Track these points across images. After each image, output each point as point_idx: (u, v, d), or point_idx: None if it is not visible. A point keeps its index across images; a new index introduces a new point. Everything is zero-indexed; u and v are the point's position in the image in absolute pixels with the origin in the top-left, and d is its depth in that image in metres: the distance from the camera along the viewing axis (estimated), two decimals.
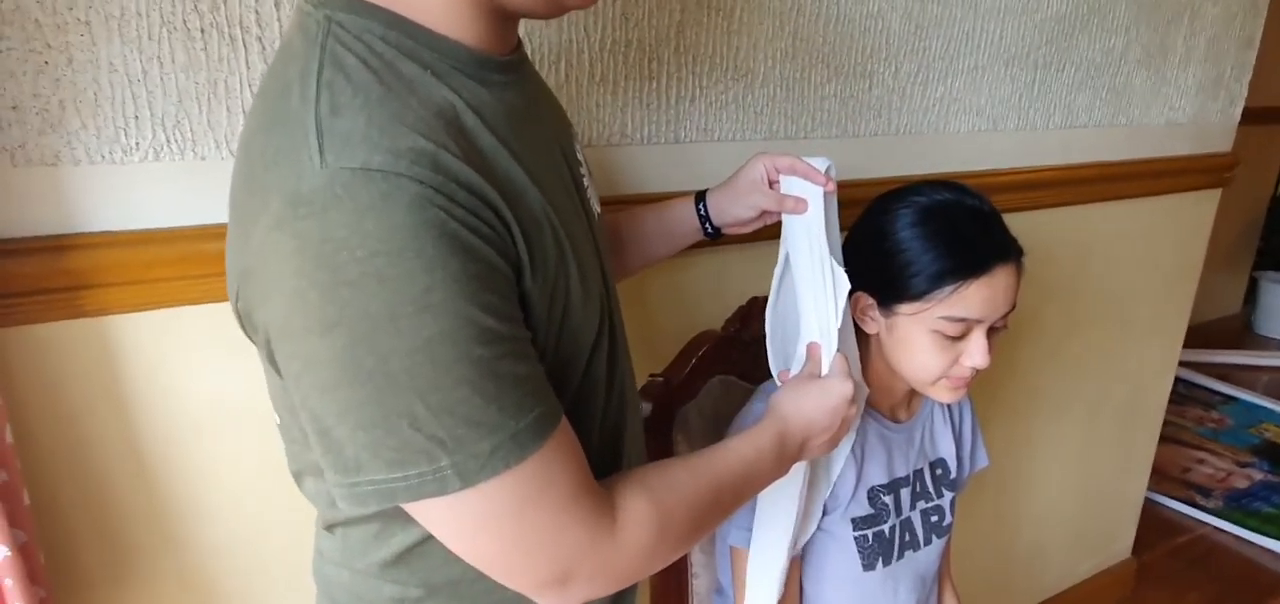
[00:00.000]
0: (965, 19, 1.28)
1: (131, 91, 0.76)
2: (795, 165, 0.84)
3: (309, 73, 0.49)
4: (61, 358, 0.79)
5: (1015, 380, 1.64)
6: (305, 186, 0.46)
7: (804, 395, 0.77)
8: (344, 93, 0.48)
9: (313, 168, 0.46)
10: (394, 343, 0.46)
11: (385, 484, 0.50)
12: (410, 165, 0.46)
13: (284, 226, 0.46)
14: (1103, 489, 1.98)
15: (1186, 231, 1.82)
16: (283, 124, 0.49)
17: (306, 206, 0.45)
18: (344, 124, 0.47)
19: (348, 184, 0.45)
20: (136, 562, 0.88)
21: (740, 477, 0.68)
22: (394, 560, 0.63)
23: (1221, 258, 3.89)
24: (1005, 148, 1.42)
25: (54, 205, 0.76)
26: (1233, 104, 1.77)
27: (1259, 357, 3.59)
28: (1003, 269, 0.84)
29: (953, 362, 0.87)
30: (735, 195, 0.89)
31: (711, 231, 0.92)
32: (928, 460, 1.02)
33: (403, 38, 0.51)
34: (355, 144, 0.46)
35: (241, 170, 0.53)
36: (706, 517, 0.65)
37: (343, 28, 0.51)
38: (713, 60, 1.08)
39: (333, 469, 0.51)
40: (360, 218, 0.45)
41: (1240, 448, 2.82)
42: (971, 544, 1.69)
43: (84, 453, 0.83)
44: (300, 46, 0.52)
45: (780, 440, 0.73)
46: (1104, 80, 1.52)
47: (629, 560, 0.58)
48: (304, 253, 0.46)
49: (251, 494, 0.91)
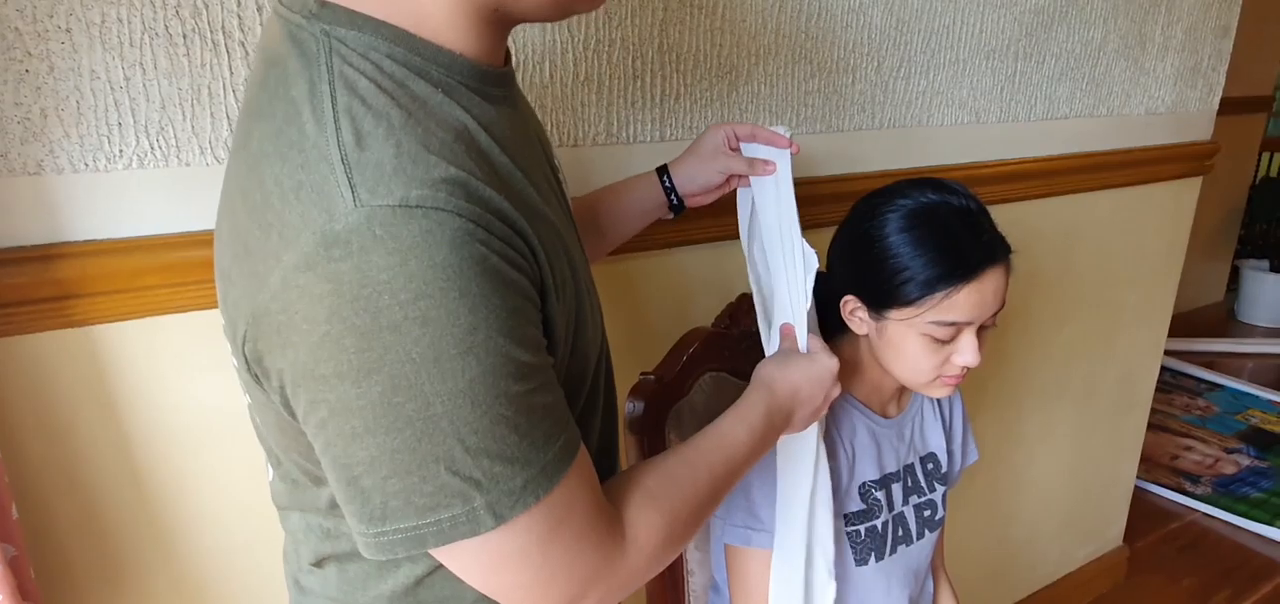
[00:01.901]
0: (946, 13, 1.29)
1: (114, 99, 0.76)
2: (756, 131, 0.84)
3: (320, 96, 0.46)
4: (48, 368, 0.79)
5: (1004, 372, 1.65)
6: (339, 226, 0.43)
7: (790, 366, 0.77)
8: (365, 120, 0.45)
9: (345, 206, 0.43)
10: (438, 387, 0.45)
11: (415, 531, 0.48)
12: (448, 197, 0.44)
13: (315, 268, 0.43)
14: (1094, 477, 1.99)
15: (1169, 220, 1.84)
16: (298, 152, 0.46)
17: (342, 248, 0.43)
18: (372, 156, 0.44)
19: (387, 222, 0.43)
20: (128, 571, 0.87)
21: (734, 458, 0.68)
22: (400, 594, 0.61)
23: (1204, 247, 3.93)
24: (988, 140, 1.44)
25: (38, 215, 0.75)
26: (1211, 93, 1.79)
27: (1243, 343, 3.64)
28: (993, 271, 0.84)
29: (944, 361, 0.87)
30: (700, 161, 0.88)
31: (675, 203, 0.92)
32: (918, 455, 1.03)
33: (410, 54, 0.49)
34: (387, 178, 0.44)
35: (246, 200, 0.49)
36: (706, 506, 0.65)
37: (345, 44, 0.48)
38: (696, 58, 1.08)
39: (358, 518, 0.49)
40: (403, 259, 0.42)
41: (1227, 434, 2.85)
42: (965, 535, 1.70)
43: (73, 464, 0.82)
44: (299, 65, 0.48)
45: (768, 413, 0.72)
46: (1083, 71, 1.53)
47: (638, 570, 0.58)
48: (340, 295, 0.43)
49: (242, 502, 0.91)
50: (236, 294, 0.49)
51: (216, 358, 0.85)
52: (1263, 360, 3.50)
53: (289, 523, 0.64)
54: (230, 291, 0.51)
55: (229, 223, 0.51)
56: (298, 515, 0.62)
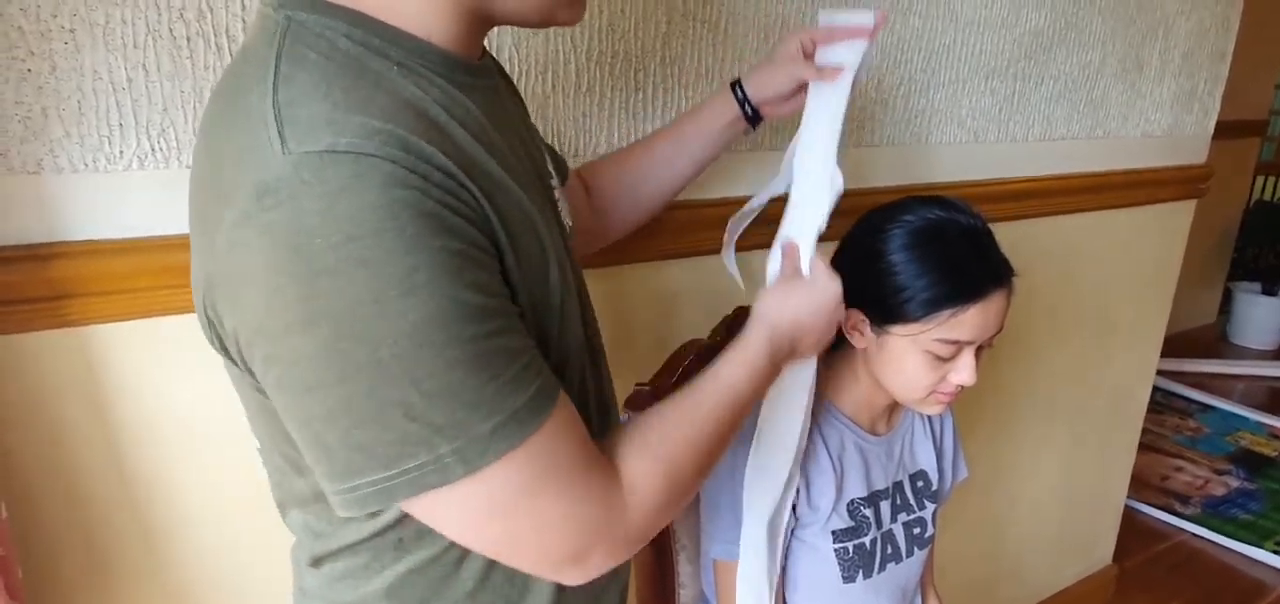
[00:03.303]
0: (946, 33, 1.30)
1: (116, 99, 0.76)
2: (834, 31, 0.82)
3: (267, 68, 0.47)
4: (43, 367, 0.78)
5: (997, 389, 1.65)
6: (269, 176, 0.43)
7: (790, 293, 0.74)
8: (302, 83, 0.46)
9: (275, 156, 0.43)
10: (382, 329, 0.44)
11: (384, 483, 0.47)
12: (381, 145, 0.44)
13: (250, 221, 0.43)
14: (1084, 496, 2.00)
15: (1163, 241, 1.85)
16: (244, 119, 0.46)
17: (272, 196, 0.43)
18: (304, 110, 0.45)
19: (316, 168, 0.43)
20: (116, 573, 0.87)
21: (736, 401, 0.65)
22: (386, 592, 0.60)
23: (1197, 269, 3.95)
24: (987, 159, 1.44)
25: (37, 214, 0.75)
26: (1207, 116, 1.80)
27: (1234, 365, 3.66)
28: (998, 293, 0.84)
29: (940, 379, 0.87)
30: (772, 69, 0.87)
31: (750, 113, 0.90)
32: (907, 473, 1.03)
33: (369, 35, 0.49)
34: (319, 127, 0.44)
35: (200, 176, 0.51)
36: (709, 451, 0.62)
37: (303, 26, 0.49)
38: (698, 71, 1.08)
39: (327, 477, 0.49)
40: (332, 201, 0.42)
41: (1217, 456, 2.86)
42: (955, 551, 1.70)
43: (63, 464, 0.81)
44: (257, 48, 0.50)
45: (770, 346, 0.69)
46: (1081, 93, 1.54)
47: (642, 523, 0.56)
48: (275, 246, 0.43)
49: (235, 505, 0.90)
50: (196, 266, 0.51)
51: (208, 361, 0.84)
52: (1254, 383, 3.52)
53: (290, 519, 0.64)
54: (194, 264, 0.52)
55: (191, 203, 0.53)
56: (296, 511, 0.62)
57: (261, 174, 0.43)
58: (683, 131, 0.93)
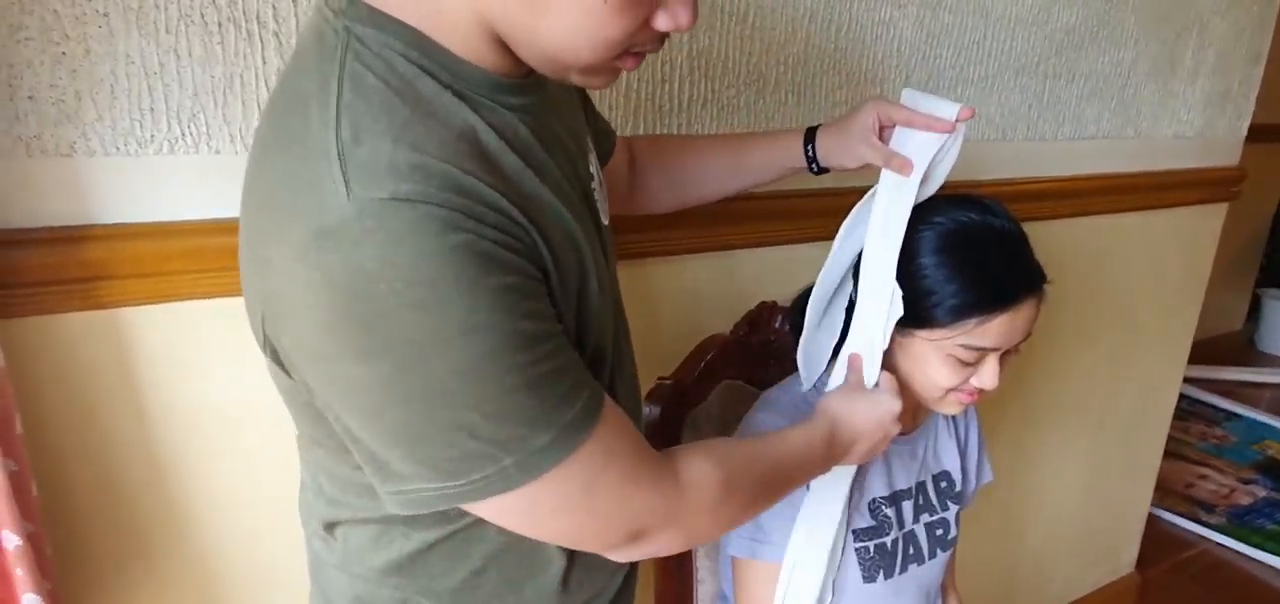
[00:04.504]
0: (976, 28, 1.28)
1: (148, 84, 0.76)
2: (913, 117, 0.80)
3: (327, 91, 0.48)
4: (74, 349, 0.79)
5: (1022, 391, 1.63)
6: (331, 219, 0.45)
7: (856, 402, 0.80)
8: (364, 117, 0.47)
9: (338, 198, 0.45)
10: (444, 364, 0.46)
11: (448, 490, 0.51)
12: (439, 190, 0.46)
13: (307, 258, 0.45)
14: (1108, 501, 1.97)
15: (1193, 244, 1.82)
16: (300, 144, 0.48)
17: (333, 239, 0.44)
18: (366, 151, 0.46)
19: (378, 214, 0.44)
20: (144, 553, 0.88)
21: (794, 463, 0.72)
22: (393, 567, 0.63)
23: (1226, 274, 3.88)
24: (1015, 157, 1.42)
25: (68, 196, 0.76)
26: (1240, 118, 1.77)
27: (1262, 373, 3.59)
28: (1028, 301, 0.83)
29: (963, 381, 0.86)
30: (843, 142, 0.86)
31: (817, 170, 0.90)
32: (931, 474, 1.02)
33: (422, 57, 0.50)
34: (381, 173, 0.45)
35: (256, 187, 0.52)
36: (764, 490, 0.68)
37: (362, 43, 0.49)
38: (725, 64, 1.08)
39: (383, 481, 0.52)
40: (394, 249, 0.44)
41: (1243, 465, 2.81)
42: (976, 554, 1.69)
43: (94, 445, 0.82)
44: (315, 58, 0.50)
45: (830, 440, 0.75)
46: (1113, 92, 1.52)
47: (695, 516, 0.61)
48: (333, 285, 0.45)
49: (262, 488, 0.91)
50: (250, 276, 0.53)
51: (237, 346, 0.86)
52: None
53: (305, 494, 0.67)
54: (246, 273, 0.54)
55: (244, 211, 0.54)
56: (309, 476, 0.65)
57: (323, 215, 0.45)
58: (746, 160, 0.93)
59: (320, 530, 0.66)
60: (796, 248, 1.21)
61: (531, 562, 0.65)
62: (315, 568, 0.71)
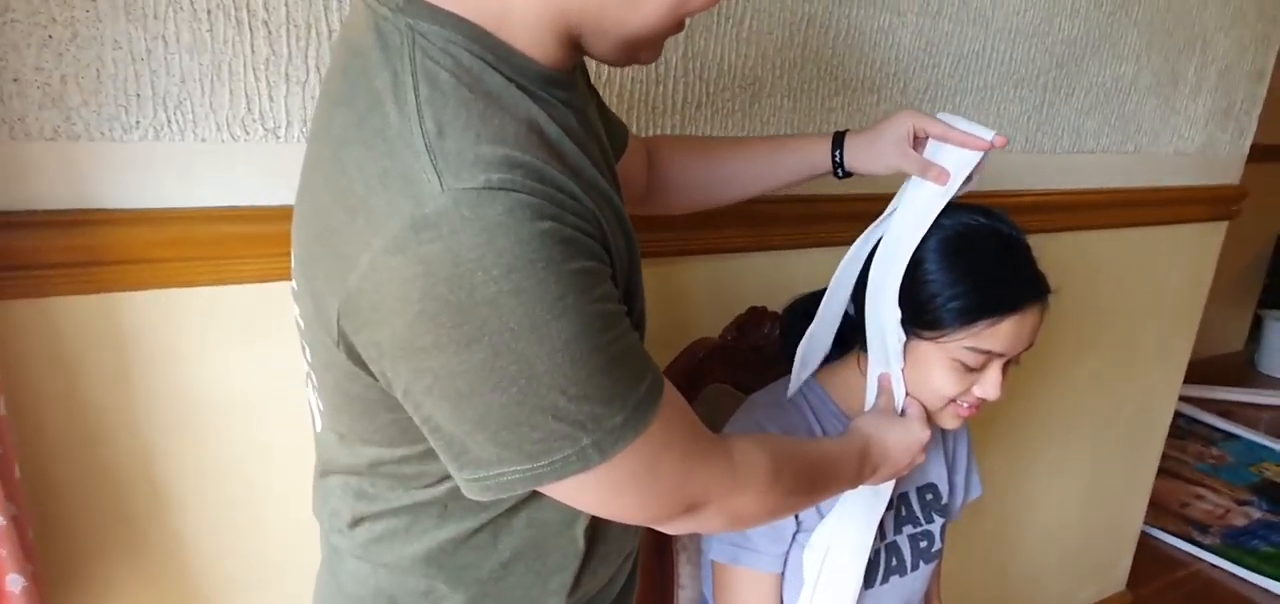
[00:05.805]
0: (976, 39, 1.28)
1: (134, 69, 0.76)
2: (949, 133, 0.81)
3: (403, 87, 0.49)
4: (59, 333, 0.79)
5: (1017, 404, 1.63)
6: (428, 210, 0.46)
7: (889, 427, 0.83)
8: (444, 111, 0.49)
9: (433, 191, 0.46)
10: (537, 348, 0.48)
11: (529, 471, 0.53)
12: (524, 179, 0.48)
13: (406, 251, 0.46)
14: (1101, 517, 1.96)
15: (1192, 262, 1.81)
16: (382, 140, 0.49)
17: (432, 230, 0.46)
18: (452, 144, 0.47)
19: (474, 204, 0.46)
20: (131, 540, 0.87)
21: (832, 471, 0.75)
22: (424, 557, 0.64)
23: (1226, 294, 3.87)
24: (1012, 170, 1.42)
25: (52, 180, 0.75)
26: (1242, 136, 1.76)
27: (1261, 395, 3.57)
28: (1033, 308, 0.83)
29: (964, 390, 0.85)
30: (875, 149, 0.85)
31: (842, 174, 0.90)
32: (915, 485, 1.01)
33: (485, 51, 0.52)
34: (469, 164, 0.47)
35: (328, 184, 0.52)
36: (806, 486, 0.71)
37: (426, 39, 0.50)
38: (721, 67, 1.07)
39: (462, 466, 0.54)
40: (489, 237, 0.46)
41: (1239, 486, 2.80)
42: (967, 566, 1.68)
43: (79, 430, 0.82)
44: (380, 57, 0.51)
45: (862, 457, 0.79)
46: (1113, 106, 1.51)
47: (744, 495, 0.64)
48: (433, 276, 0.46)
49: (248, 475, 0.91)
50: (322, 273, 0.53)
51: (224, 334, 0.85)
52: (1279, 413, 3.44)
53: (327, 484, 0.68)
54: (313, 268, 0.54)
55: (310, 204, 0.55)
56: (337, 477, 0.66)
57: (418, 207, 0.46)
58: (780, 162, 0.92)
59: (343, 525, 0.67)
60: (787, 254, 1.20)
61: (553, 559, 0.68)
62: (331, 558, 0.71)
